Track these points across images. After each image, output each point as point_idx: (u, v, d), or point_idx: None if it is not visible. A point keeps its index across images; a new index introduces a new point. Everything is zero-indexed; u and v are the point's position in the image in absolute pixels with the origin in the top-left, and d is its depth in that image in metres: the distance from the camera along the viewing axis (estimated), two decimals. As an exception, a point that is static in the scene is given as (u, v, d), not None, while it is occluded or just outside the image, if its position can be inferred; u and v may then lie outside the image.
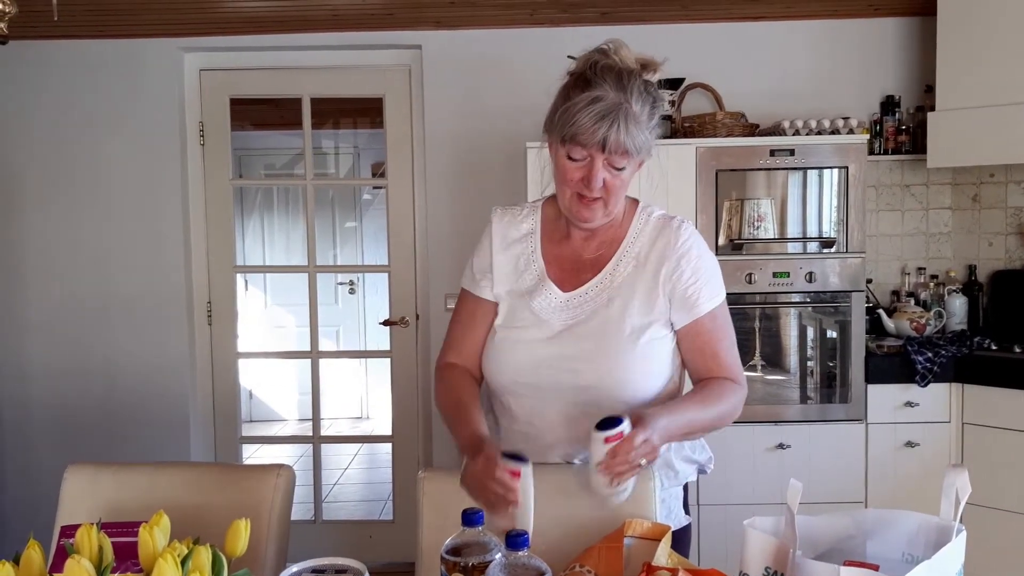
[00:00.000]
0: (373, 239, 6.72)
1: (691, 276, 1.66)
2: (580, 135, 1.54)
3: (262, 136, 6.37)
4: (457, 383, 1.74)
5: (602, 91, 1.54)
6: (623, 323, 1.64)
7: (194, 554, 1.22)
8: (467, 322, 1.78)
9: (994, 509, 3.23)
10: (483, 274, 1.76)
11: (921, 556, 1.18)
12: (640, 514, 1.59)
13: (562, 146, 1.59)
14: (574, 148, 1.57)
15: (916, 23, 3.89)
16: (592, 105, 1.53)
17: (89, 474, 1.77)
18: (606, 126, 1.52)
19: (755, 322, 3.47)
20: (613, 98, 1.53)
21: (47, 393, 4.04)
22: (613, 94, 1.54)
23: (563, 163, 1.61)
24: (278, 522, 1.70)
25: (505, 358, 1.70)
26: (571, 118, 1.55)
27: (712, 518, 3.32)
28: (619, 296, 1.67)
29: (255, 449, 5.70)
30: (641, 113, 1.56)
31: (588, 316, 1.66)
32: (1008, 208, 3.82)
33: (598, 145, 1.54)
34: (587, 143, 1.55)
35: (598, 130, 1.53)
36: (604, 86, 1.54)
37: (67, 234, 4.01)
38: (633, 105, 1.55)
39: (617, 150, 1.54)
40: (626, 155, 1.56)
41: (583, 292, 1.69)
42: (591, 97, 1.54)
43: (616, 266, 1.70)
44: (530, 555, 1.20)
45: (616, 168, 1.58)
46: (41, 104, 3.98)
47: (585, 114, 1.53)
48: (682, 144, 3.40)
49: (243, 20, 3.77)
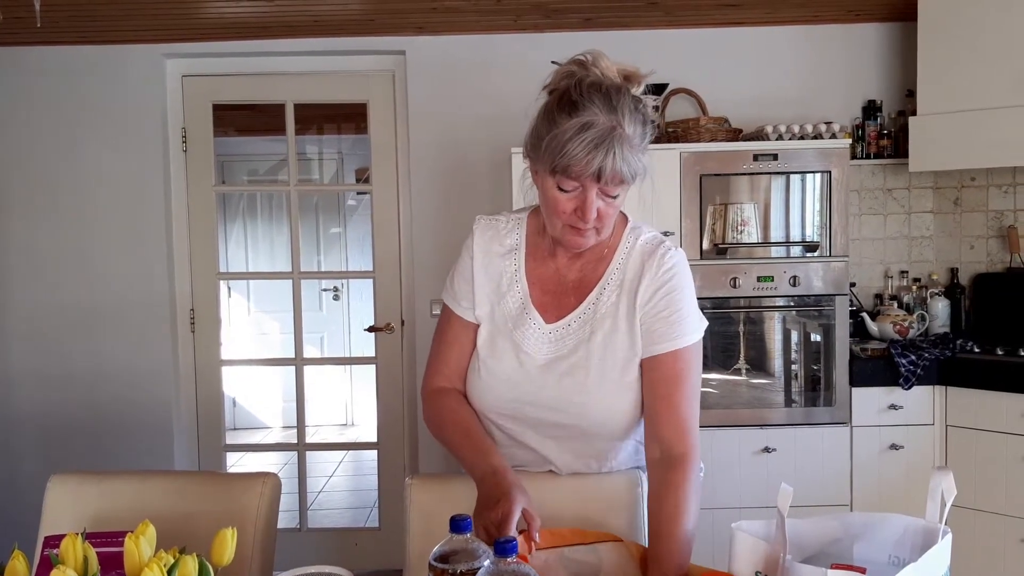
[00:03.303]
0: (358, 245, 6.70)
1: (665, 309, 1.57)
2: (573, 167, 1.42)
3: (245, 142, 6.34)
4: (457, 408, 1.66)
5: (591, 115, 1.41)
6: (605, 359, 1.57)
7: (180, 564, 1.21)
8: (451, 343, 1.69)
9: (979, 511, 3.26)
10: (464, 293, 1.68)
11: (908, 558, 1.19)
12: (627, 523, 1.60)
13: (551, 176, 1.47)
14: (565, 180, 1.45)
15: (897, 28, 3.92)
16: (583, 133, 1.40)
17: (73, 483, 1.75)
18: (601, 155, 1.40)
19: (739, 326, 3.48)
20: (604, 122, 1.41)
21: (29, 401, 4.01)
22: (604, 118, 1.41)
23: (553, 194, 1.49)
24: (264, 530, 1.69)
25: (486, 388, 1.64)
26: (561, 148, 1.42)
27: (699, 522, 3.32)
28: (601, 329, 1.59)
29: (239, 457, 5.67)
30: (634, 135, 1.44)
31: (570, 350, 1.59)
32: (989, 211, 3.85)
33: (592, 176, 1.42)
34: (580, 175, 1.43)
35: (592, 160, 1.41)
36: (593, 109, 1.42)
37: (49, 240, 3.99)
38: (626, 128, 1.43)
39: (613, 180, 1.43)
40: (622, 183, 1.46)
41: (566, 324, 1.61)
42: (581, 124, 1.41)
43: (600, 295, 1.61)
44: (518, 562, 1.20)
45: (610, 196, 1.48)
46: (23, 110, 3.96)
47: (576, 144, 1.41)
48: (666, 149, 3.42)
49: (225, 26, 3.75)
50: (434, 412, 1.69)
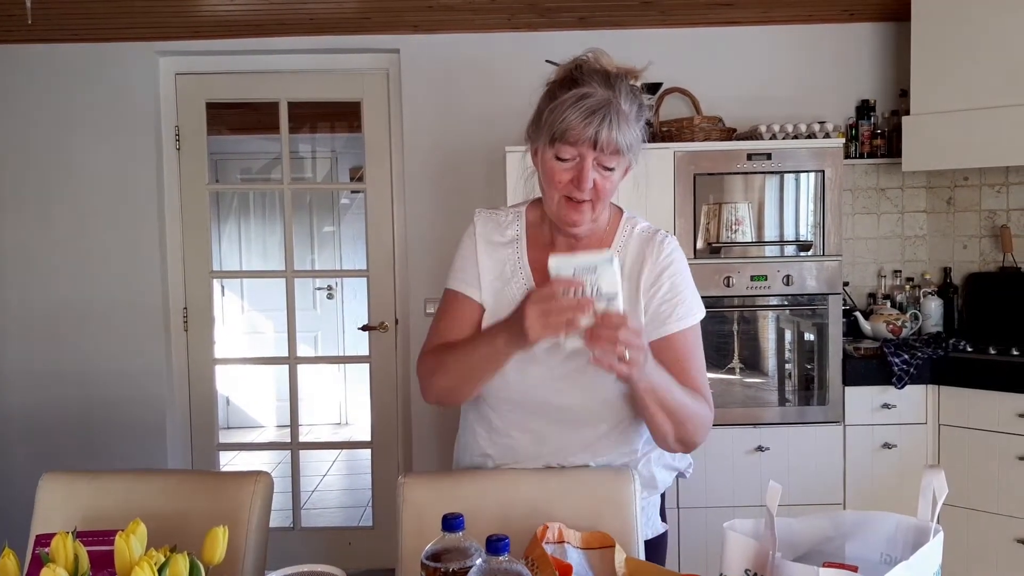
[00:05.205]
0: (351, 244, 6.70)
1: (668, 291, 1.65)
2: (570, 132, 1.49)
3: (239, 140, 6.33)
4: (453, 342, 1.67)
5: (590, 88, 1.50)
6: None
7: (171, 562, 1.21)
8: (454, 319, 1.70)
9: (971, 510, 3.26)
10: (470, 275, 1.71)
11: (899, 557, 1.19)
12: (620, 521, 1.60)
13: (550, 147, 1.54)
14: (563, 148, 1.52)
15: (891, 28, 3.93)
16: (581, 101, 1.49)
17: (65, 482, 1.74)
18: (597, 121, 1.48)
19: (733, 325, 3.48)
20: (602, 94, 1.50)
21: (21, 399, 3.99)
22: (602, 91, 1.50)
23: (551, 165, 1.55)
24: (256, 529, 1.69)
25: None
26: (560, 115, 1.50)
27: (692, 521, 3.33)
28: None
29: (232, 456, 5.65)
30: (630, 112, 1.52)
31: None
32: (982, 211, 3.86)
33: (589, 142, 1.49)
34: (577, 140, 1.50)
35: (589, 125, 1.48)
36: (592, 84, 1.51)
37: (42, 239, 3.97)
38: (622, 103, 1.51)
39: (608, 147, 1.50)
40: (617, 154, 1.52)
41: None
42: (580, 94, 1.50)
43: None
44: (511, 560, 1.20)
45: (606, 168, 1.54)
46: (16, 108, 3.94)
47: (575, 110, 1.48)
48: (660, 148, 3.42)
49: (219, 24, 3.74)
50: (439, 360, 1.67)
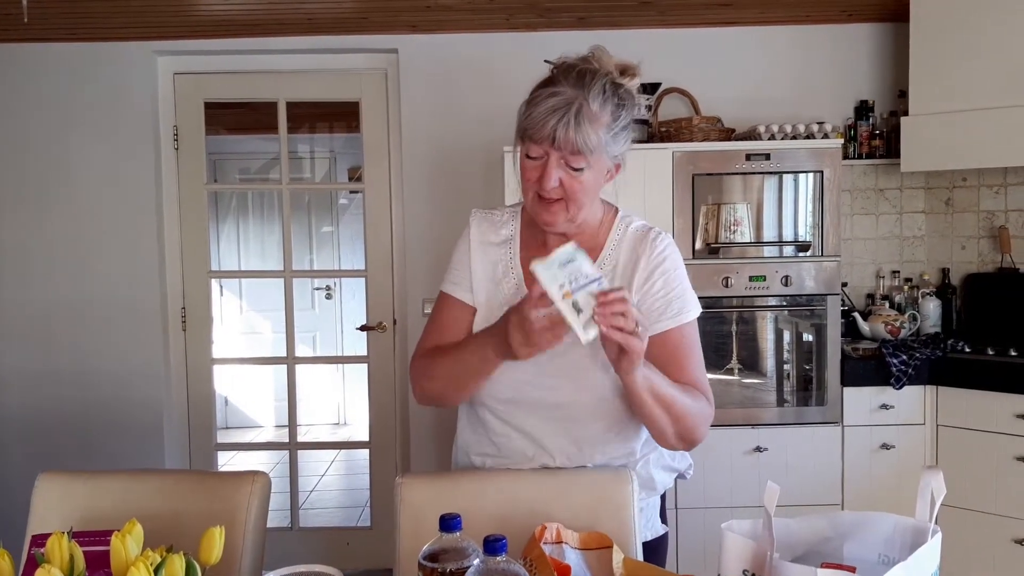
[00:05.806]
0: (350, 244, 6.70)
1: (662, 288, 1.65)
2: (531, 130, 1.52)
3: (237, 140, 6.33)
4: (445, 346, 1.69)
5: (560, 87, 1.52)
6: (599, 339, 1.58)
7: (167, 562, 1.20)
8: (447, 323, 1.72)
9: (969, 510, 3.26)
10: (462, 277, 1.72)
11: (897, 557, 1.19)
12: (618, 522, 1.59)
13: (521, 144, 1.57)
14: (531, 145, 1.54)
15: (889, 29, 3.93)
16: (547, 99, 1.51)
17: (61, 482, 1.74)
18: (555, 120, 1.49)
19: (732, 326, 3.48)
20: (570, 94, 1.51)
21: (18, 399, 3.98)
22: (571, 91, 1.51)
23: (523, 162, 1.58)
24: (254, 529, 1.69)
25: None
26: (527, 113, 1.54)
27: (690, 522, 3.33)
28: None
29: (231, 456, 5.64)
30: (601, 113, 1.52)
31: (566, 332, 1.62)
32: (980, 212, 3.86)
33: (548, 140, 1.51)
34: (537, 137, 1.52)
35: (547, 123, 1.50)
36: (563, 83, 1.53)
37: (40, 238, 3.97)
38: (590, 103, 1.51)
39: (567, 147, 1.51)
40: (578, 154, 1.52)
41: None
42: (548, 92, 1.52)
43: None
44: (508, 560, 1.19)
45: (573, 168, 1.54)
46: (13, 108, 3.94)
47: (539, 108, 1.51)
48: (659, 148, 3.41)
49: (217, 24, 3.74)
50: (423, 362, 1.71)
